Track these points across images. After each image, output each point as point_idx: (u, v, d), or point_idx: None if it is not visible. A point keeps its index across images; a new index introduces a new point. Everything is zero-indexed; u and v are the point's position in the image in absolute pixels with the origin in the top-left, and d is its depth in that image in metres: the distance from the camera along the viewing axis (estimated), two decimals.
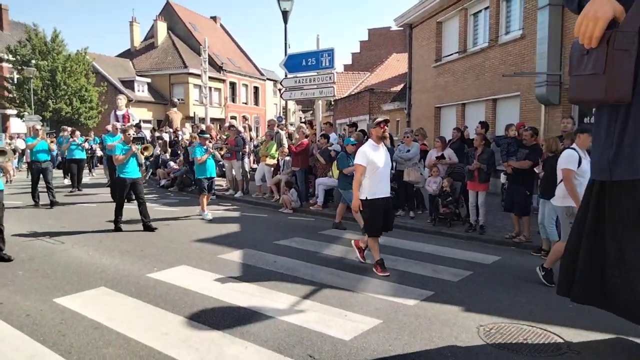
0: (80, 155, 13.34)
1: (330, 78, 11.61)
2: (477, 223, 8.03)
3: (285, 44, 13.72)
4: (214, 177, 9.91)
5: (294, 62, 12.22)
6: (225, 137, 12.95)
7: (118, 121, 12.33)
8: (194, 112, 31.32)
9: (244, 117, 20.30)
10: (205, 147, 9.63)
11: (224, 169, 13.23)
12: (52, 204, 10.62)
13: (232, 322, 4.22)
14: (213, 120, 28.21)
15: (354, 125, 12.12)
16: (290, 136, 13.16)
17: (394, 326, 4.18)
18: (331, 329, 4.09)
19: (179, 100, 34.58)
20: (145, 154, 8.47)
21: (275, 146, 11.83)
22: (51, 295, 4.89)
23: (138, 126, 15.73)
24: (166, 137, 16.51)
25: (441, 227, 8.41)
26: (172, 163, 15.00)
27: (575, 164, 5.31)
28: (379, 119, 5.93)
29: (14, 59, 26.72)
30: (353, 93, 29.47)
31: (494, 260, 6.56)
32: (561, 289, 3.54)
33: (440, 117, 16.71)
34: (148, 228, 8.11)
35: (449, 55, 15.83)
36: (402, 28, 20.04)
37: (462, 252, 6.95)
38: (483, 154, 7.78)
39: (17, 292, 5.00)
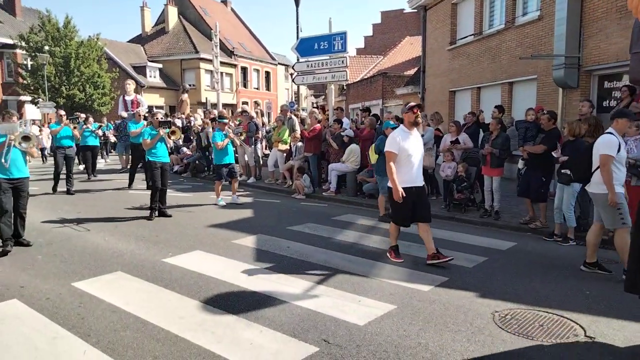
0: (94, 142, 13.37)
1: (342, 62, 11.49)
2: (492, 208, 7.95)
3: (297, 27, 13.58)
4: (233, 163, 9.84)
5: (306, 46, 12.11)
6: (237, 122, 12.93)
7: (127, 107, 12.23)
8: (206, 98, 31.45)
9: (255, 102, 20.22)
10: (224, 132, 9.44)
11: (236, 155, 13.24)
12: (69, 192, 10.54)
13: (247, 307, 4.26)
14: (225, 105, 28.21)
15: (367, 110, 12.02)
16: (302, 121, 13.10)
17: (408, 312, 4.18)
18: (345, 314, 4.10)
19: (190, 85, 34.67)
20: (173, 137, 8.42)
21: (287, 132, 11.80)
22: (69, 279, 4.97)
23: (150, 112, 15.79)
24: (179, 122, 16.55)
25: (455, 213, 8.35)
26: (185, 149, 15.06)
27: (614, 149, 5.01)
28: (412, 104, 5.59)
29: (27, 45, 26.89)
30: (366, 77, 29.20)
31: (509, 246, 6.50)
32: (632, 288, 3.74)
33: (455, 101, 16.49)
34: (163, 214, 8.13)
35: (464, 38, 15.54)
36: (416, 10, 19.68)
37: (476, 237, 6.90)
38: (497, 139, 7.66)
39: (37, 275, 5.10)
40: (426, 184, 9.44)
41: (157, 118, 8.29)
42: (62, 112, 11.38)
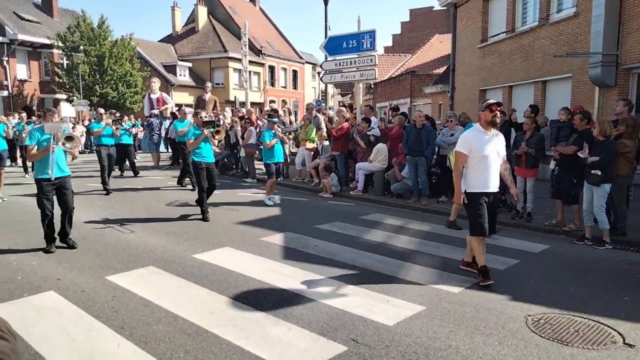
0: (128, 140, 13.21)
1: (371, 60, 11.42)
2: (525, 210, 7.77)
3: (326, 26, 13.59)
4: (281, 162, 9.62)
5: (334, 44, 12.08)
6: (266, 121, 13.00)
7: (152, 105, 12.20)
8: (235, 96, 31.74)
9: (283, 101, 20.36)
10: (274, 131, 9.27)
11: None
12: (106, 191, 10.41)
13: (275, 304, 4.28)
14: (252, 104, 28.46)
15: (396, 109, 11.92)
16: (330, 120, 13.09)
17: (437, 313, 4.12)
18: (374, 314, 4.07)
19: (218, 84, 35.05)
20: (217, 137, 8.08)
21: (314, 130, 11.80)
22: (103, 272, 5.10)
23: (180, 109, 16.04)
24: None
25: None
26: (213, 147, 15.22)
27: None
28: (491, 101, 4.93)
29: (64, 45, 27.74)
30: (394, 76, 28.95)
31: (542, 248, 6.34)
32: None
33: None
34: (204, 216, 7.77)
35: (495, 36, 15.22)
36: (445, 7, 19.39)
37: (508, 239, 6.75)
38: (531, 138, 7.48)
39: (72, 269, 5.25)
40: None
41: (200, 117, 8.11)
42: (102, 111, 11.36)
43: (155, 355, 3.36)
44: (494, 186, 4.96)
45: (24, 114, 12.66)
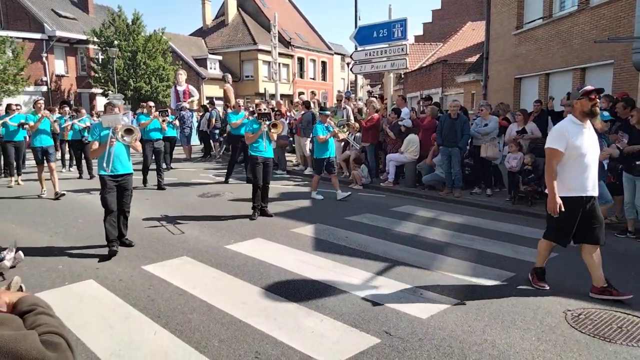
0: (172, 133, 12.61)
1: (402, 50, 11.24)
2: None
3: (356, 15, 13.45)
4: (332, 157, 9.14)
5: (364, 34, 11.95)
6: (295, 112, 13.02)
7: (179, 97, 11.96)
8: (264, 89, 31.91)
9: (312, 92, 20.32)
10: (326, 125, 8.77)
11: (293, 145, 13.38)
12: (160, 187, 9.93)
13: (307, 295, 4.29)
14: (282, 96, 28.56)
15: (428, 98, 11.72)
16: (360, 111, 12.99)
17: (472, 307, 4.04)
18: (406, 307, 4.03)
19: (248, 77, 35.28)
20: (274, 131, 7.43)
21: (344, 120, 11.71)
22: (139, 262, 5.23)
23: (212, 103, 16.25)
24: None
25: (521, 206, 7.98)
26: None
27: None
28: (589, 88, 4.20)
29: (99, 40, 28.49)
30: (424, 65, 28.47)
31: None
32: None
33: (521, 89, 15.70)
34: (264, 213, 7.49)
35: (531, 22, 14.71)
36: None
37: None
38: None
39: (111, 258, 5.39)
40: (489, 175, 9.18)
41: (259, 110, 7.65)
42: (152, 104, 10.91)
43: (191, 344, 3.42)
44: (594, 189, 4.26)
45: (67, 108, 12.84)
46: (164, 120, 10.47)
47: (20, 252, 5.13)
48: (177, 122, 13.96)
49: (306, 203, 8.68)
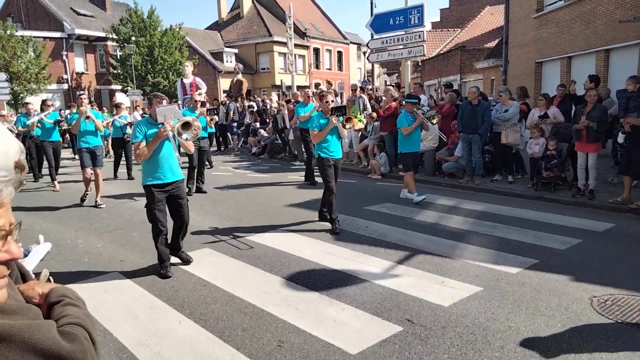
0: (210, 130, 10.53)
1: (419, 36, 11.11)
2: (587, 187, 7.36)
3: (372, 3, 13.27)
4: (418, 152, 8.10)
5: (381, 22, 11.83)
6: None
7: (185, 90, 11.50)
8: (281, 80, 31.87)
9: (328, 82, 20.23)
10: (413, 114, 7.56)
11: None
12: (199, 190, 8.91)
13: (328, 284, 4.30)
14: (298, 87, 28.50)
15: (449, 85, 11.56)
16: (377, 100, 12.89)
17: (495, 294, 4.00)
18: (428, 295, 4.01)
19: (264, 69, 35.24)
20: (348, 126, 6.27)
21: (358, 111, 11.65)
22: None
23: (230, 96, 16.29)
24: (255, 105, 17.00)
25: (544, 192, 7.83)
26: (262, 131, 15.45)
27: None
28: None
29: (117, 37, 28.84)
30: (442, 52, 28.04)
31: (606, 227, 5.99)
32: None
33: (542, 73, 15.35)
34: (328, 219, 6.33)
35: (553, 4, 14.34)
36: None
37: (569, 218, 6.43)
38: (593, 111, 7.03)
39: (134, 251, 5.50)
40: (511, 162, 9.03)
41: (327, 102, 6.30)
42: (198, 97, 9.23)
43: (215, 333, 3.47)
44: None
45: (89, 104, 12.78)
46: (211, 119, 9.48)
47: (48, 243, 5.26)
48: (216, 118, 12.45)
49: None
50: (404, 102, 8.24)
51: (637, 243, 5.36)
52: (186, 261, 4.92)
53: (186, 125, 4.61)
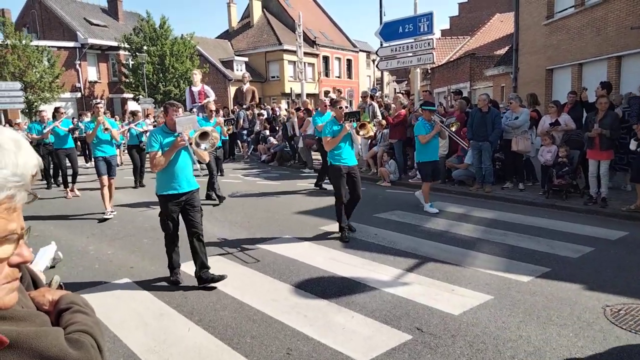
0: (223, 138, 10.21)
1: (429, 44, 11.11)
2: (599, 195, 7.27)
3: (381, 11, 13.33)
4: (438, 161, 7.91)
5: (390, 30, 11.86)
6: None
7: (194, 98, 11.37)
8: (290, 88, 32.05)
9: (338, 90, 20.30)
10: (431, 122, 7.34)
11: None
12: (219, 198, 8.56)
13: (337, 292, 4.29)
14: (308, 95, 28.64)
15: (458, 92, 11.54)
16: (386, 107, 12.90)
17: (506, 303, 3.96)
18: (438, 303, 3.98)
19: (274, 77, 35.44)
20: (362, 133, 6.20)
21: (369, 118, 11.66)
22: None
23: (240, 104, 16.42)
24: (264, 113, 17.09)
25: (555, 200, 7.76)
26: (271, 138, 15.52)
27: None
28: None
29: (129, 46, 29.26)
30: (452, 59, 28.01)
31: (620, 235, 5.91)
32: None
33: (553, 80, 15.27)
34: (349, 228, 6.19)
35: (563, 11, 14.29)
36: None
37: (581, 226, 6.36)
38: (605, 118, 6.96)
39: (144, 257, 5.54)
40: (521, 169, 8.96)
41: (340, 108, 6.17)
42: (213, 107, 9.12)
43: (224, 340, 3.47)
44: None
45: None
46: (228, 130, 9.37)
47: (59, 252, 5.32)
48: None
49: (333, 201, 8.65)
50: (421, 109, 8.05)
51: None
52: (218, 279, 4.51)
53: (204, 135, 4.55)
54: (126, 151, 13.05)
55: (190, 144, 4.45)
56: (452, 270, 4.79)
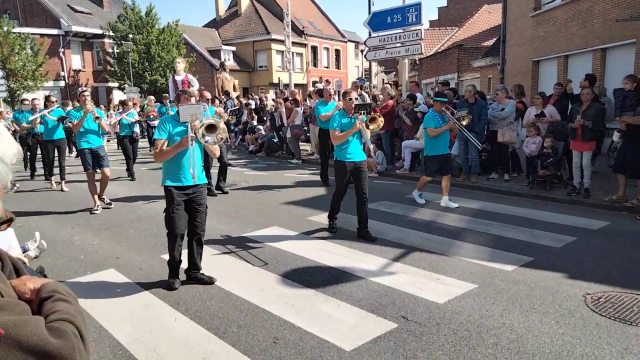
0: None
1: (417, 35, 11.12)
2: (582, 186, 7.39)
3: (369, 1, 13.25)
4: (448, 154, 7.37)
5: (378, 20, 11.84)
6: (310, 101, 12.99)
7: (177, 87, 11.13)
8: (278, 78, 31.86)
9: (326, 81, 20.22)
10: (442, 114, 6.99)
11: (308, 134, 13.37)
12: (223, 192, 8.52)
13: (324, 281, 4.32)
14: (296, 85, 28.50)
15: (446, 83, 11.58)
16: (374, 98, 12.91)
17: (490, 291, 4.02)
18: (423, 292, 4.03)
19: (262, 67, 35.19)
20: (372, 127, 5.69)
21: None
22: (159, 251, 5.31)
23: (227, 94, 16.27)
24: (252, 103, 16.98)
25: (540, 191, 7.86)
26: (260, 127, 15.44)
27: None
28: None
29: (114, 34, 28.76)
30: (440, 50, 28.07)
31: (601, 225, 6.02)
32: None
33: (539, 72, 15.40)
34: (366, 236, 5.61)
35: (550, 2, 14.38)
36: None
37: (564, 216, 6.46)
38: (588, 110, 7.05)
39: (130, 248, 5.51)
40: (507, 160, 9.05)
41: (350, 99, 5.70)
42: (209, 95, 8.76)
43: (211, 330, 3.48)
44: None
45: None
46: (236, 122, 9.06)
47: (43, 242, 5.27)
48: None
49: (322, 191, 8.69)
50: (432, 100, 7.56)
51: (631, 241, 5.39)
52: (208, 282, 4.36)
53: (212, 128, 4.13)
54: (111, 142, 12.78)
55: (196, 139, 4.10)
56: (437, 259, 4.85)
